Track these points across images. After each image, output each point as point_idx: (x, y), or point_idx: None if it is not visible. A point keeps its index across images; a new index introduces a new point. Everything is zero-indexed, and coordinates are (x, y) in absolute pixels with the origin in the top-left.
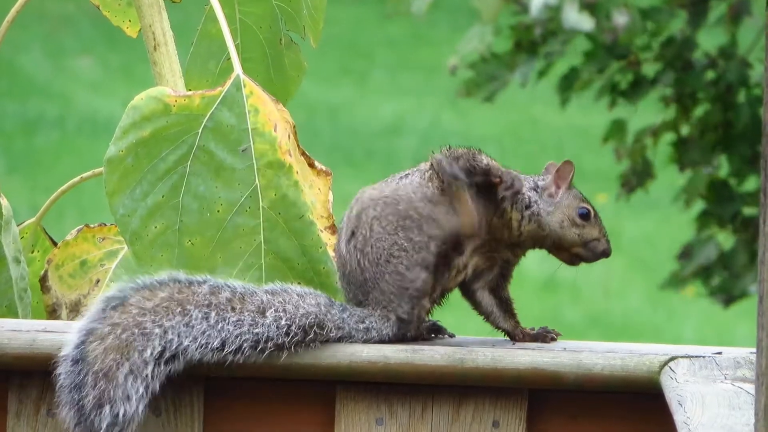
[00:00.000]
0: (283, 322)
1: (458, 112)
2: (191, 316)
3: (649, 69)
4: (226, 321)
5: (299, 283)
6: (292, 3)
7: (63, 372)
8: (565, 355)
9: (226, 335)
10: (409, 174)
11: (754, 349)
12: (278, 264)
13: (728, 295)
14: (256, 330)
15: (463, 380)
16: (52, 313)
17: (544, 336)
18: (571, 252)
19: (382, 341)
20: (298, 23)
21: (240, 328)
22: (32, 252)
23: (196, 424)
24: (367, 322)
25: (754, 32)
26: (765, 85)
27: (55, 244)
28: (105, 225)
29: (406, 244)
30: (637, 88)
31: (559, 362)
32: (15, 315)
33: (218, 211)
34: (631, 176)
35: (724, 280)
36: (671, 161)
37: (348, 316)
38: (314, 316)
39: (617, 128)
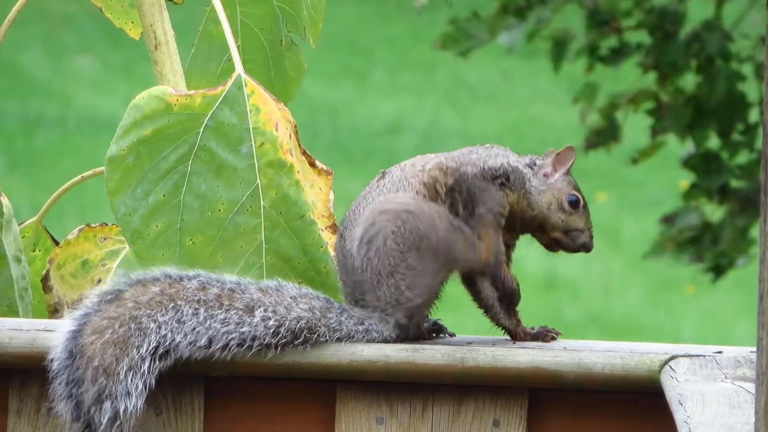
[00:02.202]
0: (271, 323)
1: (458, 111)
2: (182, 311)
3: (631, 37)
4: (214, 318)
5: (300, 283)
6: (292, 4)
7: (58, 360)
8: (565, 354)
9: (213, 333)
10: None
11: (754, 348)
12: (279, 263)
13: (715, 267)
14: (243, 329)
15: (464, 379)
16: (54, 312)
17: (544, 335)
18: (552, 236)
19: (385, 341)
20: (298, 24)
21: (227, 326)
22: (34, 251)
23: (197, 423)
24: (366, 323)
25: (740, 5)
26: (766, 82)
27: (56, 243)
28: (106, 224)
29: (415, 266)
30: (618, 54)
31: (560, 361)
32: (15, 314)
33: (219, 210)
34: (595, 135)
35: (711, 252)
36: (648, 129)
37: (346, 318)
38: (306, 321)
39: (588, 91)
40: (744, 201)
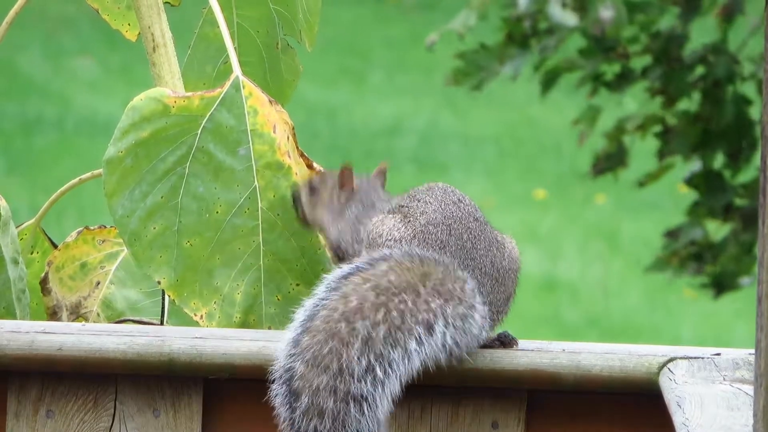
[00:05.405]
0: (449, 342)
1: (456, 113)
2: (368, 401)
3: (637, 62)
4: (397, 368)
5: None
6: (288, 7)
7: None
8: (563, 356)
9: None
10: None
11: (752, 351)
12: (277, 265)
13: (718, 286)
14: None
15: (462, 381)
16: (53, 315)
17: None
18: None
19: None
20: (294, 27)
21: (413, 356)
22: (32, 253)
23: (195, 424)
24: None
25: (746, 29)
26: (765, 86)
27: (54, 245)
28: (105, 227)
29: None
30: (622, 80)
31: (558, 363)
32: (13, 316)
33: (217, 212)
34: (603, 159)
35: (713, 270)
36: (655, 154)
37: (475, 320)
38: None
39: (591, 113)
40: (747, 219)
